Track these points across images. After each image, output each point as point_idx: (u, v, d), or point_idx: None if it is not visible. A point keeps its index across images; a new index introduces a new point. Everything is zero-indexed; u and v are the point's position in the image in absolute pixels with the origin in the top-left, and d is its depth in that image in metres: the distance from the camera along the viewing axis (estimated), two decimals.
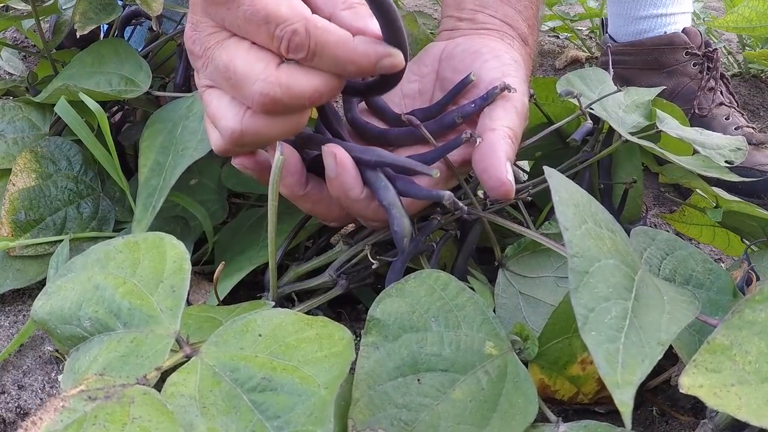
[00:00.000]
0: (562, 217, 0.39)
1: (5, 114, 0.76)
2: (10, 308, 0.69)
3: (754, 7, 1.16)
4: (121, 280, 0.46)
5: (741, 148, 0.69)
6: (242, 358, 0.40)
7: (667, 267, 0.53)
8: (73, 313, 0.46)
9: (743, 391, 0.36)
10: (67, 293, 0.47)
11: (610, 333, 0.36)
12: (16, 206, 0.69)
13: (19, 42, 1.38)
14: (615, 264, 0.40)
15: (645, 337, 0.37)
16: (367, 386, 0.45)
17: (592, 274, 0.38)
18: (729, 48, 1.55)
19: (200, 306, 0.57)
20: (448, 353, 0.47)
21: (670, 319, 0.40)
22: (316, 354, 0.40)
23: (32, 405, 0.58)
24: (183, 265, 0.46)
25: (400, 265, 0.58)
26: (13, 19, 0.93)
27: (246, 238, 0.68)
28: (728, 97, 1.12)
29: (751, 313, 0.38)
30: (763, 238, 0.66)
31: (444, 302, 0.49)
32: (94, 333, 0.45)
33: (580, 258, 0.38)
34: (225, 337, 0.42)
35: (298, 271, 0.62)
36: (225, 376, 0.39)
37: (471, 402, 0.45)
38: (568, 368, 0.54)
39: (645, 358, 0.36)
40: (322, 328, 0.41)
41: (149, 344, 0.43)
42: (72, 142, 0.74)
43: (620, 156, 0.74)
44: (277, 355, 0.40)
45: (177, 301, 0.44)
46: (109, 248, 0.49)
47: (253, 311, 0.44)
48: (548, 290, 0.61)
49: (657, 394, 0.59)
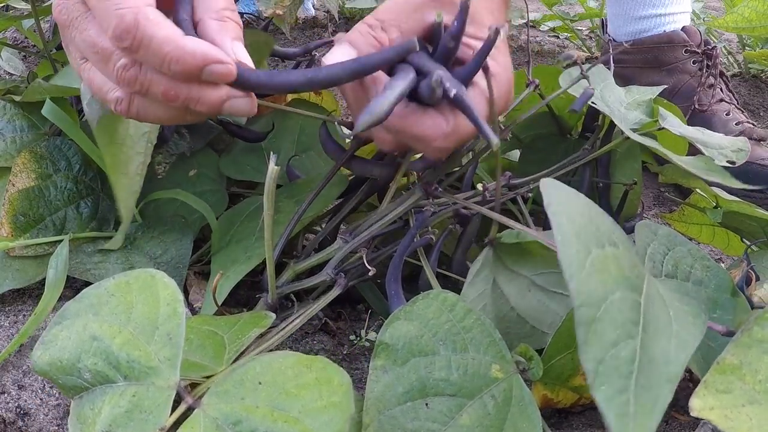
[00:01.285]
0: (566, 262, 0.39)
1: (5, 113, 0.76)
2: (10, 308, 0.68)
3: (754, 7, 1.16)
4: (116, 328, 0.46)
5: (743, 149, 0.69)
6: (244, 409, 0.41)
7: (669, 263, 0.53)
8: (72, 365, 0.46)
9: (754, 412, 0.36)
10: (64, 343, 0.47)
11: (620, 383, 0.36)
12: (16, 206, 0.69)
13: (19, 42, 1.38)
14: (621, 297, 0.39)
15: (654, 376, 0.37)
16: (376, 411, 0.46)
17: (599, 320, 0.37)
18: (729, 48, 1.54)
19: (201, 317, 0.57)
20: (456, 378, 0.48)
21: (678, 345, 0.40)
22: (317, 403, 0.40)
23: (32, 405, 0.58)
24: (177, 308, 0.46)
25: (397, 260, 0.58)
26: (13, 19, 0.93)
27: (244, 227, 0.68)
28: (728, 95, 1.12)
29: (760, 331, 0.38)
30: (762, 237, 0.66)
31: (452, 324, 0.50)
32: (96, 384, 0.46)
33: (587, 307, 0.38)
34: (225, 386, 0.42)
35: (297, 269, 0.62)
36: (228, 429, 0.40)
37: (478, 428, 0.46)
38: (571, 380, 0.54)
39: (656, 403, 0.36)
40: (321, 372, 0.42)
41: (151, 398, 0.43)
42: (71, 143, 0.74)
43: (620, 156, 0.74)
44: (277, 405, 0.40)
45: (174, 350, 0.44)
46: (101, 292, 0.49)
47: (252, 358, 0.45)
48: (517, 291, 0.60)
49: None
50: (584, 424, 0.57)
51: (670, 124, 0.68)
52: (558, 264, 0.60)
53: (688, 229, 0.80)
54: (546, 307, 0.59)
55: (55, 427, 0.56)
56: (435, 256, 0.61)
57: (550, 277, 0.60)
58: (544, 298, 0.59)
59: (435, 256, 0.61)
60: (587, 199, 0.45)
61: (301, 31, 1.60)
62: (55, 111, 0.69)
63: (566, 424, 0.57)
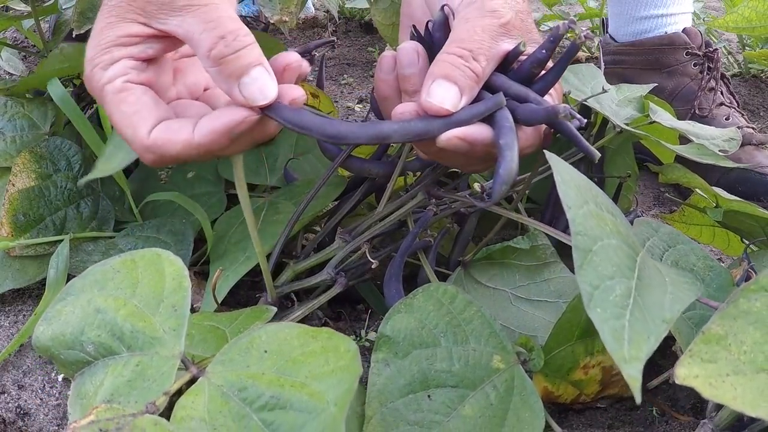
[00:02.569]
0: (565, 196, 0.39)
1: (6, 111, 0.76)
2: (10, 308, 0.69)
3: (754, 7, 1.16)
4: (121, 301, 0.46)
5: (734, 138, 0.70)
6: (249, 376, 0.40)
7: (668, 259, 0.54)
8: (75, 338, 0.46)
9: (738, 381, 0.36)
10: (67, 318, 0.47)
11: (615, 310, 0.36)
12: (16, 206, 0.69)
13: (19, 42, 1.38)
14: (617, 244, 0.40)
15: (649, 315, 0.38)
16: (379, 404, 0.46)
17: (595, 252, 0.38)
18: (729, 48, 1.54)
19: (202, 314, 0.57)
20: (458, 369, 0.48)
21: (673, 299, 0.40)
22: (323, 368, 0.39)
23: (32, 405, 0.58)
24: (182, 282, 0.45)
25: (399, 259, 0.58)
26: (13, 19, 0.93)
27: (242, 227, 0.68)
28: (728, 98, 1.12)
29: (746, 303, 0.38)
30: (762, 237, 0.66)
31: (452, 317, 0.50)
32: (98, 357, 0.45)
33: (584, 236, 0.38)
34: (230, 355, 0.41)
35: (297, 269, 0.62)
36: (233, 395, 0.39)
37: (480, 418, 0.46)
38: (571, 374, 0.54)
39: (650, 335, 0.36)
40: (327, 341, 0.41)
41: (155, 367, 0.42)
42: (71, 143, 0.74)
43: (612, 152, 0.75)
44: (284, 372, 0.40)
45: (180, 321, 0.43)
46: (107, 268, 0.48)
47: (257, 326, 0.44)
48: (495, 304, 0.60)
49: (657, 394, 0.59)
50: (584, 424, 0.57)
51: (660, 118, 0.68)
52: (538, 275, 0.61)
53: (688, 230, 0.80)
54: (532, 315, 0.59)
55: (55, 427, 0.56)
56: (433, 255, 0.61)
57: (530, 288, 0.61)
58: (529, 307, 0.60)
59: (433, 255, 0.61)
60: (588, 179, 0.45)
61: (301, 31, 1.60)
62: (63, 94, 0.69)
63: (566, 423, 0.57)
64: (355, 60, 1.50)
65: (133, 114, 0.46)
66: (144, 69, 0.48)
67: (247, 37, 0.46)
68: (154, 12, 0.47)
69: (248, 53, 0.45)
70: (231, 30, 0.45)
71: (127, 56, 0.48)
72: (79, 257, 0.68)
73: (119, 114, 0.47)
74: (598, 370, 0.54)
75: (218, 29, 0.45)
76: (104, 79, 0.47)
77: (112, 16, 0.48)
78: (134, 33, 0.47)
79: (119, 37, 0.48)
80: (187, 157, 0.46)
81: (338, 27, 1.63)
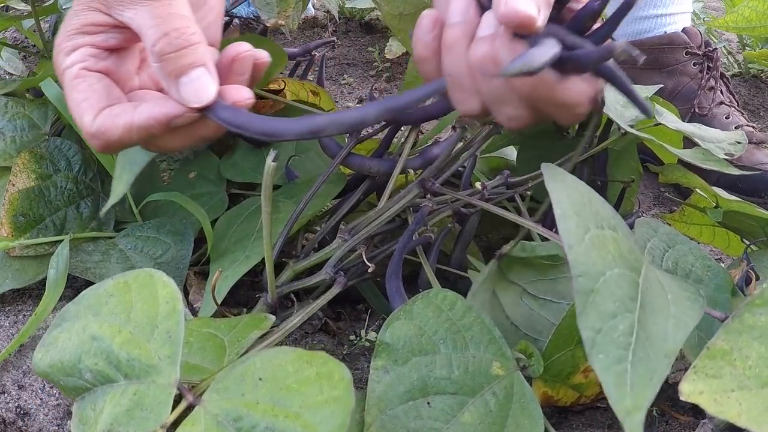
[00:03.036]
0: (565, 234, 0.39)
1: (6, 112, 0.76)
2: (10, 308, 0.69)
3: (754, 7, 1.16)
4: (116, 328, 0.46)
5: (740, 141, 0.69)
6: (245, 405, 0.40)
7: (669, 260, 0.53)
8: (73, 366, 0.46)
9: (743, 397, 0.35)
10: (64, 345, 0.47)
11: (618, 353, 0.36)
12: (16, 206, 0.69)
13: (19, 42, 1.38)
14: (620, 273, 0.40)
15: (652, 350, 0.37)
16: (378, 411, 0.46)
17: (597, 292, 0.38)
18: (729, 48, 1.54)
19: (200, 320, 0.57)
20: (457, 376, 0.48)
21: (676, 324, 0.40)
22: (317, 398, 0.40)
23: (32, 405, 0.58)
24: (176, 306, 0.45)
25: (398, 256, 0.58)
26: (13, 19, 0.93)
27: (242, 228, 0.68)
28: (728, 97, 1.12)
29: (751, 317, 0.38)
30: (763, 237, 0.66)
31: (451, 323, 0.50)
32: (97, 384, 0.46)
33: (585, 277, 0.38)
34: (226, 383, 0.42)
35: (296, 268, 0.62)
36: (229, 425, 0.40)
37: (480, 425, 0.46)
38: (571, 378, 0.54)
39: (653, 375, 0.36)
40: (321, 366, 0.41)
41: (152, 396, 0.43)
42: (71, 143, 0.74)
43: (617, 154, 0.74)
44: (278, 401, 0.40)
45: (174, 348, 0.44)
46: (100, 293, 0.48)
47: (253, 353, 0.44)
48: (511, 300, 0.60)
49: (657, 394, 0.59)
50: (584, 424, 0.57)
51: (666, 120, 0.68)
52: (549, 272, 0.61)
53: (688, 230, 0.80)
54: (537, 314, 0.59)
55: (55, 427, 0.56)
56: (434, 254, 0.61)
57: (540, 285, 0.61)
58: (535, 305, 0.60)
59: (434, 255, 0.61)
60: (588, 187, 0.45)
61: (301, 31, 1.60)
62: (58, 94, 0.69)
63: (566, 423, 0.57)
64: (355, 60, 1.50)
65: (82, 101, 0.47)
66: (105, 57, 0.49)
67: (193, 36, 0.46)
68: (113, 2, 0.47)
69: (190, 53, 0.45)
70: (176, 27, 0.45)
71: (89, 44, 0.48)
72: (79, 257, 0.68)
73: (72, 101, 0.48)
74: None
75: (164, 25, 0.45)
76: (64, 64, 0.48)
77: (79, 4, 0.48)
78: (97, 22, 0.48)
79: (83, 26, 0.48)
80: (129, 141, 0.47)
81: (338, 27, 1.63)
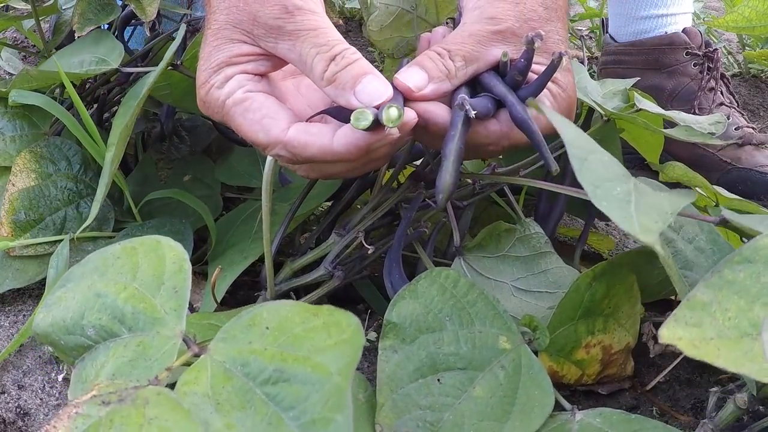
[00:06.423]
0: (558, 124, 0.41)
1: (6, 112, 0.76)
2: (10, 308, 0.69)
3: (754, 6, 1.16)
4: (122, 285, 0.46)
5: (720, 121, 0.70)
6: (252, 352, 0.40)
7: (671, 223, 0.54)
8: (76, 323, 0.46)
9: (723, 344, 0.36)
10: (68, 303, 0.47)
11: (620, 203, 0.38)
12: (16, 206, 0.69)
13: (19, 42, 1.38)
14: (610, 158, 0.42)
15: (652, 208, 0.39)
16: (389, 390, 0.46)
17: (589, 161, 0.40)
18: (729, 48, 1.54)
19: (201, 314, 0.57)
20: (465, 351, 0.48)
21: (671, 200, 0.42)
22: (326, 342, 0.39)
23: (32, 405, 0.58)
24: (183, 265, 0.45)
25: (397, 245, 0.58)
26: (13, 19, 0.93)
27: (239, 231, 0.68)
28: (728, 98, 1.11)
29: (731, 273, 0.39)
30: None
31: (456, 300, 0.50)
32: (99, 341, 0.45)
33: (578, 148, 0.40)
34: (232, 332, 0.41)
35: (294, 266, 0.62)
36: (236, 371, 0.39)
37: (491, 398, 0.47)
38: (573, 353, 0.55)
39: (658, 220, 0.38)
40: (328, 317, 0.41)
41: (156, 346, 0.42)
42: (71, 143, 0.74)
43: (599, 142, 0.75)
44: (286, 347, 0.39)
45: (180, 302, 0.44)
46: (107, 255, 0.48)
47: (258, 305, 0.44)
48: (501, 297, 0.60)
49: (657, 394, 0.59)
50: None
51: (646, 106, 0.69)
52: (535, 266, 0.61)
53: None
54: (534, 305, 0.60)
55: None
56: (430, 248, 0.61)
57: (529, 281, 0.61)
58: (530, 298, 0.60)
59: (430, 249, 0.61)
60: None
61: None
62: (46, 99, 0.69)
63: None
64: None
65: (262, 118, 0.49)
66: (258, 81, 0.51)
67: (354, 55, 0.49)
68: (261, 35, 0.49)
69: (356, 67, 0.48)
70: (339, 52, 0.48)
71: (242, 72, 0.50)
72: (79, 257, 0.68)
73: (247, 122, 0.49)
74: (599, 350, 0.56)
75: (330, 52, 0.48)
76: (223, 95, 0.49)
77: (217, 39, 0.50)
78: (245, 52, 0.50)
79: (230, 58, 0.50)
80: (320, 160, 0.49)
81: (338, 27, 1.63)
